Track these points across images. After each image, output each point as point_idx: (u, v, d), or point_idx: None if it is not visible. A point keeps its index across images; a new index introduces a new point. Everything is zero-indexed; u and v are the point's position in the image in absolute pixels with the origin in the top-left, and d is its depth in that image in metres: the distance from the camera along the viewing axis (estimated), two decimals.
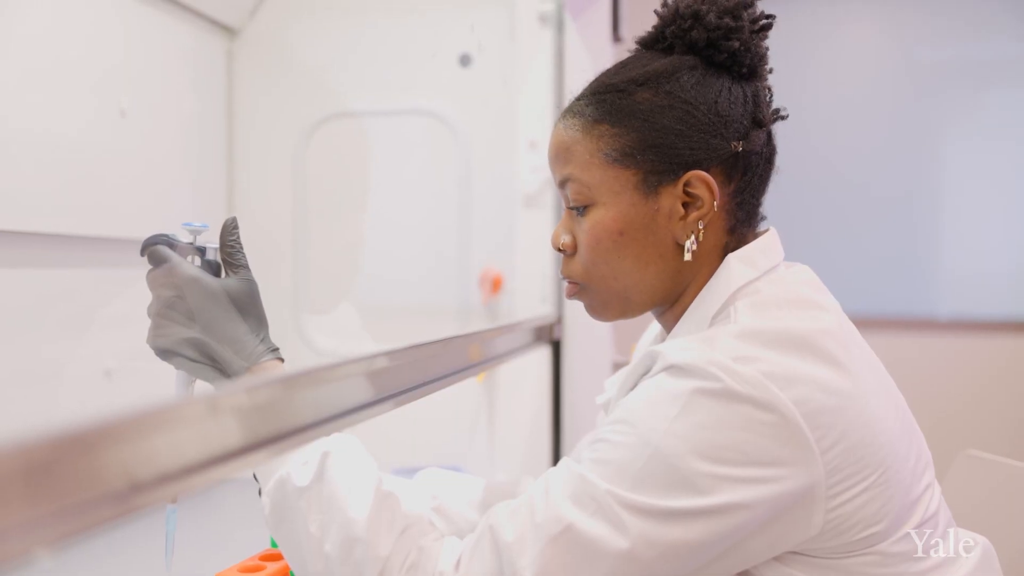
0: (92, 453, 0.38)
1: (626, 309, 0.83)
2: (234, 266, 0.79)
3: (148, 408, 0.42)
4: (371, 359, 0.72)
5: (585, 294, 0.84)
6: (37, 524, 0.36)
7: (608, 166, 0.79)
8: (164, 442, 0.43)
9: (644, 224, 0.79)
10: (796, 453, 0.67)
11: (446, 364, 0.94)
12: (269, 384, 0.55)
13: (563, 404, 1.59)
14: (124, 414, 0.40)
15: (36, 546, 0.36)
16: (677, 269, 0.80)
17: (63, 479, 0.37)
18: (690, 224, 0.79)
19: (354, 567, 0.70)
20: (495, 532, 0.69)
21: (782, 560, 0.72)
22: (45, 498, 0.36)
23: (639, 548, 0.66)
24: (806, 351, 0.71)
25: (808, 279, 0.81)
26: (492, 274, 1.66)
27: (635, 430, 0.69)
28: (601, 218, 0.79)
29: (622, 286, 0.81)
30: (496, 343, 1.20)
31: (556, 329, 1.56)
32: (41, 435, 0.36)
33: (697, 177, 0.78)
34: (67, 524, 0.37)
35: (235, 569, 0.87)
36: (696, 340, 0.72)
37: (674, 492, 0.66)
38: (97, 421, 0.39)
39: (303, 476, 0.73)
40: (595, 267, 0.81)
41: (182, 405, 0.46)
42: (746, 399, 0.67)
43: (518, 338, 1.33)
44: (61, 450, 0.36)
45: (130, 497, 0.41)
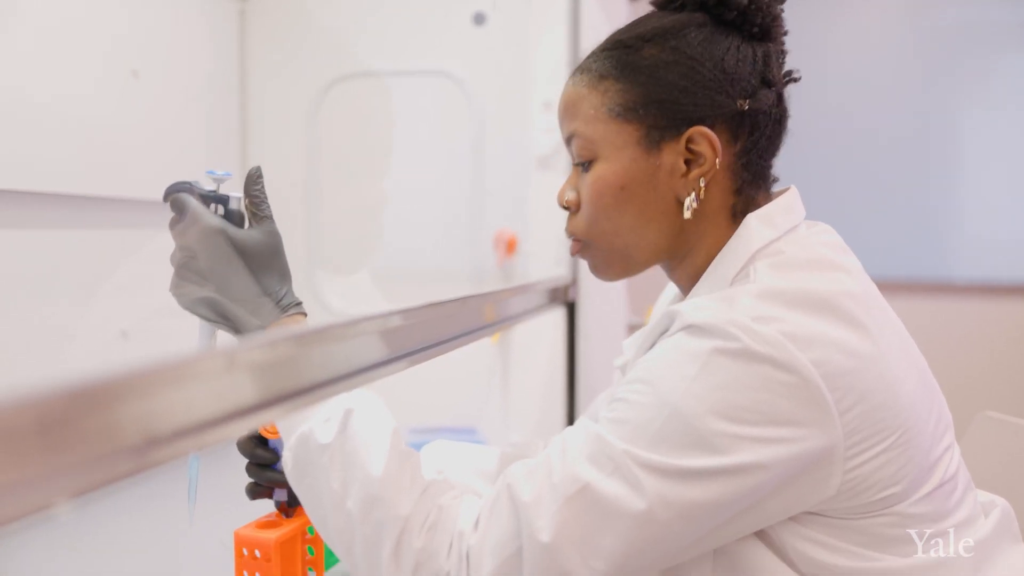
0: (109, 406, 0.38)
1: (628, 267, 0.83)
2: (259, 217, 0.78)
3: (164, 362, 0.42)
4: (386, 317, 0.71)
5: (588, 251, 0.84)
6: (54, 477, 0.36)
7: (611, 121, 0.79)
8: (180, 396, 0.43)
9: (645, 179, 0.78)
10: (815, 414, 0.67)
11: (460, 324, 0.94)
12: (285, 340, 0.55)
13: (578, 365, 1.59)
14: (140, 368, 0.40)
15: (55, 498, 0.36)
16: (679, 227, 0.80)
17: (80, 432, 0.37)
18: (691, 181, 0.78)
19: (375, 525, 0.70)
20: (512, 492, 0.69)
21: (799, 520, 0.72)
22: (62, 451, 0.36)
23: (656, 508, 0.66)
24: (827, 312, 0.70)
25: (831, 240, 0.80)
26: (506, 236, 1.65)
27: (653, 390, 0.68)
28: (603, 173, 0.79)
29: (623, 243, 0.81)
30: (510, 303, 1.20)
31: (571, 290, 1.55)
32: (57, 388, 0.35)
33: (700, 133, 0.77)
34: (85, 477, 0.37)
35: (253, 525, 0.88)
36: (715, 300, 0.71)
37: (692, 452, 0.66)
38: (113, 375, 0.38)
39: (325, 433, 0.73)
40: (596, 223, 0.81)
41: (198, 360, 0.45)
42: (765, 359, 0.66)
43: (533, 299, 1.33)
44: (77, 403, 0.36)
45: (147, 451, 0.41)
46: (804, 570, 0.72)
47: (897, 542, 0.72)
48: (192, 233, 0.76)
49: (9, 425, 0.33)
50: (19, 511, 0.34)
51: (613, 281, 0.87)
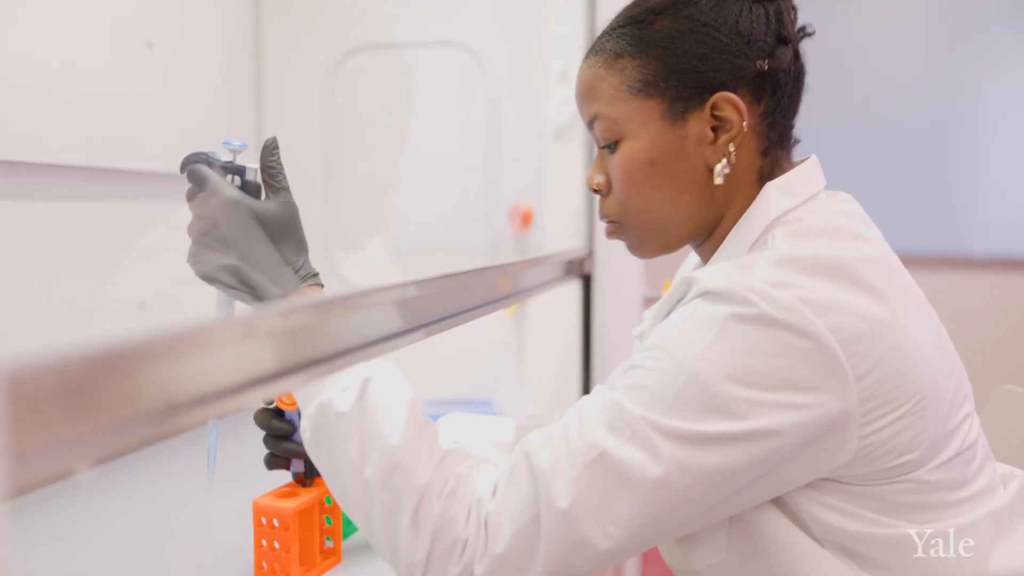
0: (130, 372, 0.38)
1: (666, 242, 0.83)
2: (275, 188, 0.78)
3: (184, 330, 0.42)
4: (402, 288, 0.71)
5: (624, 232, 0.84)
6: (77, 441, 0.36)
7: (632, 98, 0.78)
8: (201, 363, 0.43)
9: (674, 152, 0.78)
10: (831, 380, 0.67)
11: (475, 296, 0.94)
12: (304, 309, 0.55)
13: (593, 338, 1.59)
14: (161, 335, 0.40)
15: (77, 463, 0.36)
16: (711, 196, 0.80)
17: (102, 398, 0.37)
18: (720, 148, 0.78)
19: (393, 493, 0.71)
20: (530, 459, 0.70)
21: (815, 486, 0.72)
22: (84, 416, 0.36)
23: (673, 474, 0.66)
24: (844, 279, 0.70)
25: (850, 209, 0.80)
26: (522, 208, 1.64)
27: (670, 356, 0.68)
28: (631, 151, 0.79)
29: (658, 218, 0.81)
30: (526, 276, 1.19)
31: (587, 263, 1.55)
32: (79, 353, 0.35)
33: (724, 99, 0.77)
34: (107, 443, 0.38)
35: (272, 494, 0.89)
36: (732, 266, 0.71)
37: (708, 417, 0.66)
38: (135, 341, 0.38)
39: (344, 402, 0.74)
40: (630, 202, 0.81)
41: (218, 328, 0.45)
42: (782, 325, 0.66)
43: (548, 271, 1.32)
44: (99, 368, 0.36)
45: (168, 417, 0.41)
46: (820, 536, 0.72)
47: (913, 509, 0.72)
48: (210, 204, 0.76)
49: (31, 389, 0.33)
50: (42, 476, 0.34)
51: (651, 258, 0.86)
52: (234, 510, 1.02)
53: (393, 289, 0.70)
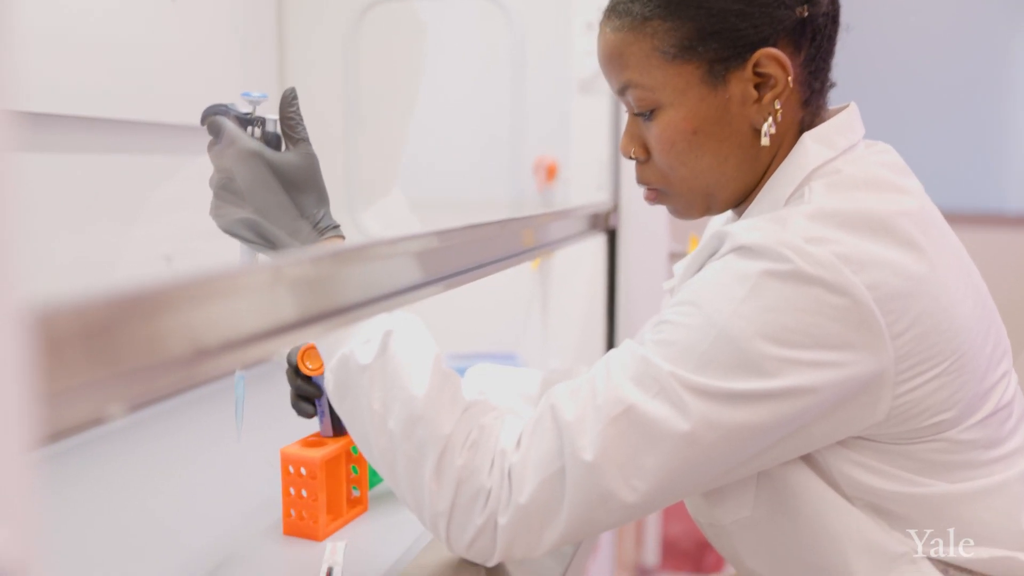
0: (156, 317, 0.38)
1: (710, 206, 0.81)
2: (294, 139, 0.77)
3: (211, 275, 0.42)
4: (424, 238, 0.71)
5: (667, 198, 0.82)
6: (106, 385, 0.36)
7: (668, 64, 0.74)
8: (227, 309, 0.43)
9: (717, 117, 0.75)
10: (866, 338, 0.65)
11: (499, 248, 0.93)
12: (327, 257, 0.55)
13: (618, 293, 1.58)
14: (187, 280, 0.40)
15: (107, 407, 0.36)
16: (756, 156, 0.77)
17: (130, 342, 0.37)
18: (766, 106, 0.75)
19: (417, 444, 0.71)
20: (556, 412, 0.69)
21: (846, 444, 0.71)
22: (113, 360, 0.36)
23: (700, 430, 0.65)
24: (883, 233, 0.68)
25: (890, 160, 0.77)
26: (547, 162, 1.62)
27: (701, 311, 0.67)
28: (671, 120, 0.76)
29: (703, 184, 0.78)
30: (550, 228, 1.18)
31: (612, 217, 1.53)
32: (107, 297, 0.35)
33: (767, 56, 0.73)
34: (136, 387, 0.38)
35: (299, 444, 0.90)
36: (767, 220, 0.69)
37: (738, 374, 0.65)
38: (161, 285, 0.38)
39: (366, 354, 0.74)
40: (673, 171, 0.78)
41: (243, 274, 0.45)
42: (817, 281, 0.65)
43: (573, 225, 1.31)
44: (128, 313, 0.36)
45: (196, 363, 0.41)
46: (849, 494, 0.72)
47: (946, 468, 0.71)
48: (229, 155, 0.75)
49: (62, 331, 0.33)
50: (74, 419, 0.34)
51: (695, 219, 0.84)
52: (262, 460, 1.04)
53: (415, 239, 0.70)
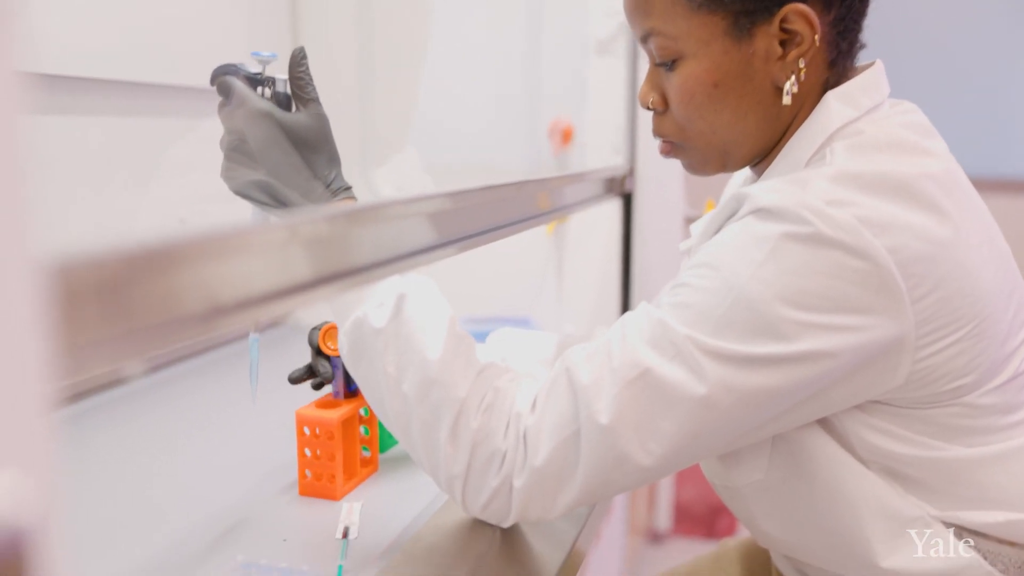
0: (172, 272, 0.38)
1: (726, 163, 0.79)
2: (304, 99, 0.76)
3: (225, 231, 0.41)
4: (439, 198, 0.70)
5: (682, 152, 0.80)
6: (119, 341, 0.36)
7: (693, 14, 0.72)
8: (241, 266, 0.43)
9: (740, 71, 0.73)
10: (886, 302, 0.64)
11: (513, 210, 0.92)
12: (342, 215, 0.54)
13: (633, 258, 1.57)
14: (201, 234, 0.40)
15: (120, 362, 0.36)
16: (776, 115, 0.75)
17: (144, 297, 0.36)
18: (790, 64, 0.73)
19: (432, 407, 0.71)
20: (571, 374, 0.69)
21: (863, 408, 0.71)
22: (125, 315, 0.36)
23: (717, 394, 0.65)
24: (905, 196, 0.67)
25: (915, 121, 0.75)
26: (562, 125, 1.60)
27: (718, 274, 0.66)
28: (692, 71, 0.74)
29: (720, 140, 0.77)
30: (565, 192, 1.17)
31: (628, 181, 1.51)
32: (124, 251, 0.35)
33: (795, 11, 0.71)
34: (149, 343, 0.37)
35: (313, 405, 0.90)
36: (787, 182, 0.68)
37: (756, 338, 0.64)
38: (176, 239, 0.38)
39: (379, 317, 0.73)
40: (690, 124, 0.76)
41: (258, 231, 0.45)
42: (837, 244, 0.64)
43: (588, 188, 1.30)
44: (143, 267, 0.36)
45: (211, 320, 0.41)
46: (865, 457, 0.71)
47: (964, 432, 0.70)
48: (239, 116, 0.74)
49: (80, 283, 0.32)
50: (92, 372, 0.34)
51: (709, 176, 0.83)
52: (276, 423, 1.04)
53: (429, 200, 0.69)
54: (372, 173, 1.70)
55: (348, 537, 0.78)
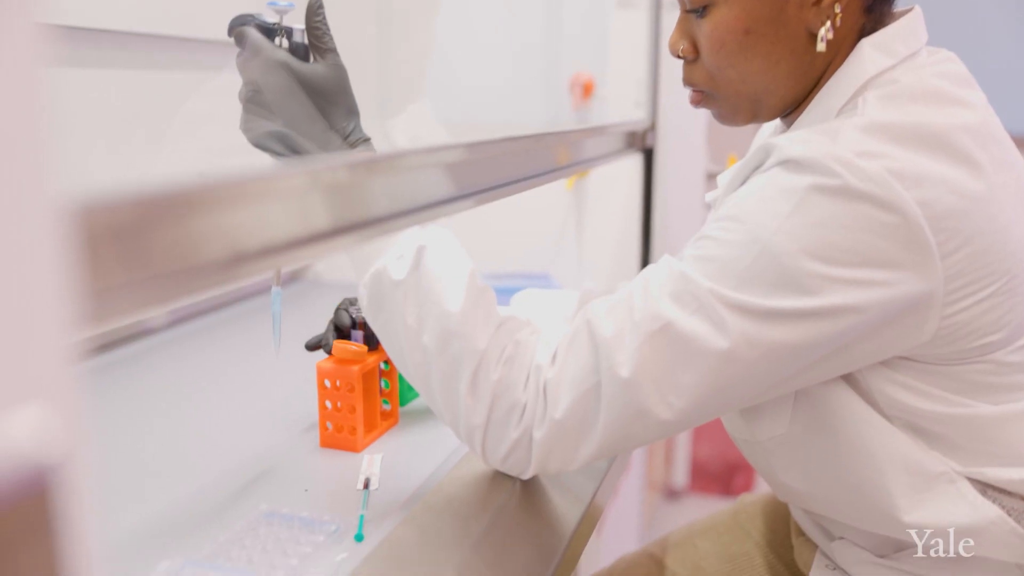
0: (192, 216, 0.37)
1: (756, 112, 0.77)
2: (321, 50, 0.75)
3: (245, 176, 0.41)
4: (456, 149, 0.69)
5: (712, 101, 0.78)
6: (140, 287, 0.35)
7: None
8: (263, 212, 0.42)
9: (772, 17, 0.71)
10: (915, 257, 0.63)
11: (533, 164, 0.91)
12: (362, 163, 0.54)
13: (653, 214, 1.56)
14: (223, 180, 0.39)
15: (142, 309, 0.36)
16: (810, 62, 0.73)
17: (166, 242, 0.36)
18: (825, 9, 0.71)
19: (451, 359, 0.71)
20: (592, 327, 0.69)
21: (888, 364, 0.70)
22: (146, 261, 0.35)
23: (739, 348, 0.64)
24: (938, 148, 0.65)
25: (951, 70, 0.72)
26: (583, 79, 1.58)
27: (743, 227, 0.65)
28: (723, 18, 0.72)
29: (752, 89, 0.75)
30: (585, 146, 1.16)
31: (649, 136, 1.49)
32: (139, 195, 0.35)
33: None
34: (174, 288, 0.37)
35: (334, 359, 0.90)
36: (816, 132, 0.67)
37: (781, 292, 0.64)
38: (197, 184, 0.37)
39: (399, 269, 0.73)
40: (721, 72, 0.75)
41: (279, 176, 0.44)
42: (866, 197, 0.62)
43: (609, 143, 1.28)
44: (163, 211, 0.36)
45: (231, 267, 0.41)
46: (889, 413, 0.71)
47: (990, 389, 0.70)
48: (256, 67, 0.74)
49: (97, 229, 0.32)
50: (117, 315, 0.34)
51: (739, 126, 0.81)
52: (298, 375, 1.05)
53: (447, 150, 0.68)
54: (389, 125, 1.68)
55: (369, 488, 0.78)
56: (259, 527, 0.72)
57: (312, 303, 1.47)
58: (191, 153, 1.31)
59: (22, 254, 0.24)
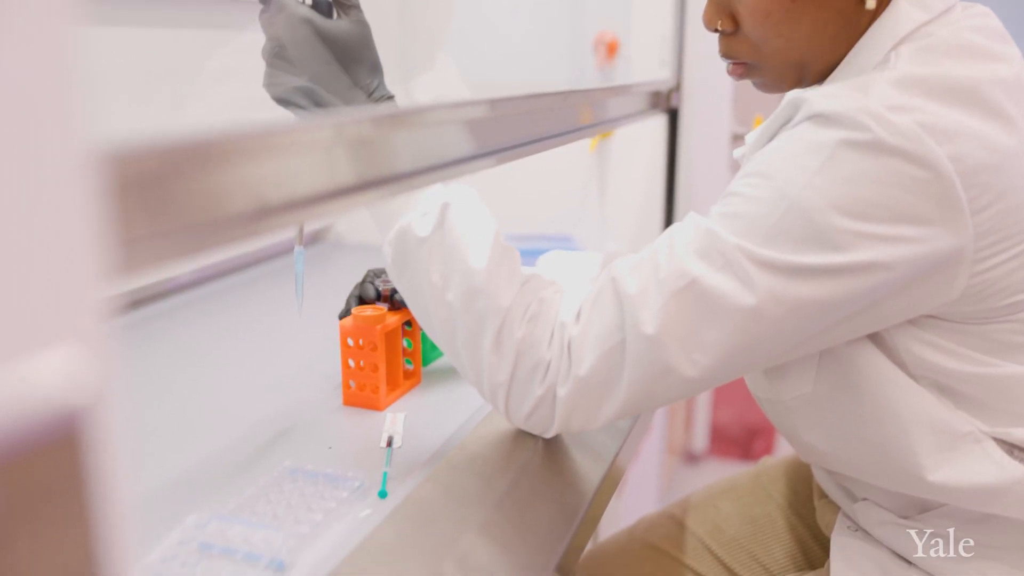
0: (219, 167, 0.37)
1: (802, 78, 0.76)
2: (345, 6, 0.74)
3: (269, 128, 0.41)
4: (478, 105, 0.68)
5: (756, 72, 0.77)
6: (166, 238, 0.35)
7: None
8: (288, 164, 0.42)
9: None
10: (946, 213, 0.62)
11: (555, 123, 0.90)
12: (386, 117, 0.53)
13: (678, 176, 1.54)
14: (247, 130, 0.39)
15: (168, 261, 0.36)
16: (857, 22, 0.71)
17: (192, 193, 0.36)
18: None
19: (476, 316, 0.71)
20: (617, 285, 0.68)
21: (915, 323, 0.69)
22: (172, 212, 0.35)
23: (766, 305, 0.64)
24: (971, 102, 0.63)
25: (986, 25, 0.71)
26: (607, 38, 1.56)
27: (771, 183, 0.64)
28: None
29: (799, 55, 0.73)
30: (609, 105, 1.14)
31: (674, 96, 1.47)
32: (166, 144, 0.34)
33: None
34: (199, 240, 0.37)
35: (357, 317, 0.90)
36: (847, 87, 0.65)
37: (809, 248, 0.63)
38: (221, 134, 0.37)
39: (424, 226, 0.73)
40: (767, 43, 0.73)
41: (302, 128, 0.44)
42: (897, 152, 0.61)
43: (632, 102, 1.26)
44: (191, 161, 0.35)
45: (259, 219, 0.40)
46: (916, 373, 0.70)
47: (1018, 349, 0.69)
48: (279, 23, 0.73)
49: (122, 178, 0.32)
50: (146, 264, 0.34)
51: (783, 92, 0.78)
52: (322, 334, 1.05)
53: (469, 106, 0.67)
54: (411, 85, 1.67)
55: (392, 446, 0.79)
56: (284, 483, 0.73)
57: (334, 264, 1.48)
58: (215, 110, 1.31)
59: (53, 198, 0.24)
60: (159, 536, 0.64)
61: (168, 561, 0.61)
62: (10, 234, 0.21)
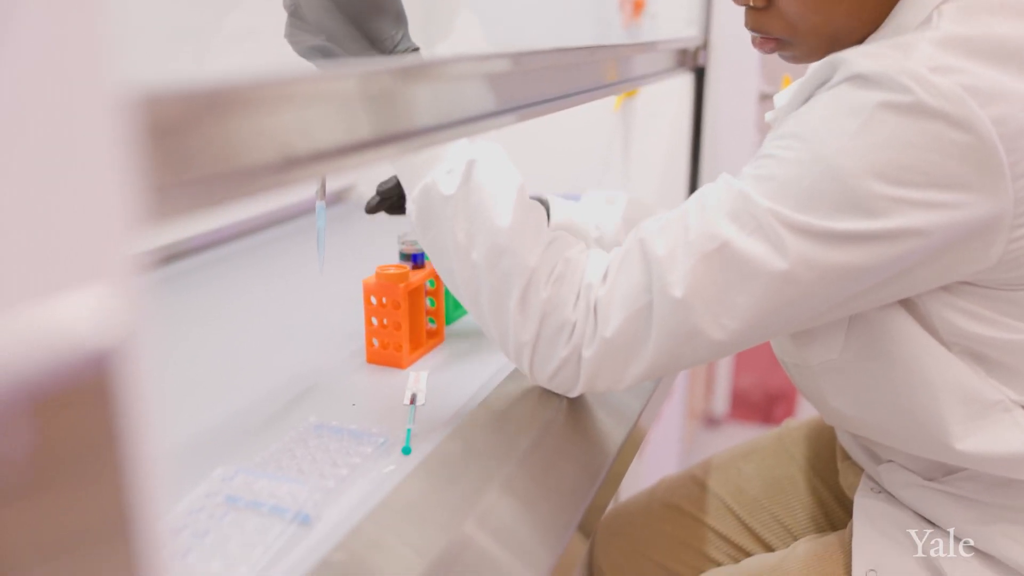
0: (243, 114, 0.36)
1: (834, 49, 0.73)
2: None
3: (293, 76, 0.40)
4: (501, 59, 0.67)
5: (788, 47, 0.75)
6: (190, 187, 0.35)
7: None
8: (311, 115, 0.41)
9: None
10: (986, 178, 0.60)
11: (580, 79, 0.88)
12: (405, 69, 0.52)
13: (703, 137, 1.52)
14: (270, 78, 0.38)
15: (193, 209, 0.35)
16: None
17: (217, 140, 0.35)
18: None
19: (501, 275, 0.70)
20: (645, 246, 0.67)
21: (949, 289, 0.67)
22: (195, 160, 0.35)
23: (798, 269, 0.62)
24: (1015, 64, 0.61)
25: None
26: None
27: (806, 145, 0.63)
28: None
29: (835, 28, 0.71)
30: (634, 63, 1.12)
31: (701, 55, 1.44)
32: (189, 90, 0.34)
33: None
34: (222, 190, 0.37)
35: (379, 275, 0.90)
36: (888, 47, 0.63)
37: (843, 214, 0.61)
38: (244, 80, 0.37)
39: (449, 184, 0.72)
40: (805, 20, 0.71)
41: (326, 77, 0.43)
42: (939, 115, 0.59)
43: (659, 60, 1.24)
44: (214, 107, 0.35)
45: (281, 170, 0.40)
46: (947, 339, 0.69)
47: None
48: None
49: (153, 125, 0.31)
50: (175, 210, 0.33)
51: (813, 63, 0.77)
52: (345, 293, 1.06)
53: (492, 59, 0.66)
54: (436, 46, 1.65)
55: (415, 404, 0.79)
56: (309, 438, 0.73)
57: (356, 224, 1.47)
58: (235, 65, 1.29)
59: (85, 138, 0.23)
60: (186, 489, 0.65)
61: (195, 513, 0.62)
62: (41, 173, 0.21)
